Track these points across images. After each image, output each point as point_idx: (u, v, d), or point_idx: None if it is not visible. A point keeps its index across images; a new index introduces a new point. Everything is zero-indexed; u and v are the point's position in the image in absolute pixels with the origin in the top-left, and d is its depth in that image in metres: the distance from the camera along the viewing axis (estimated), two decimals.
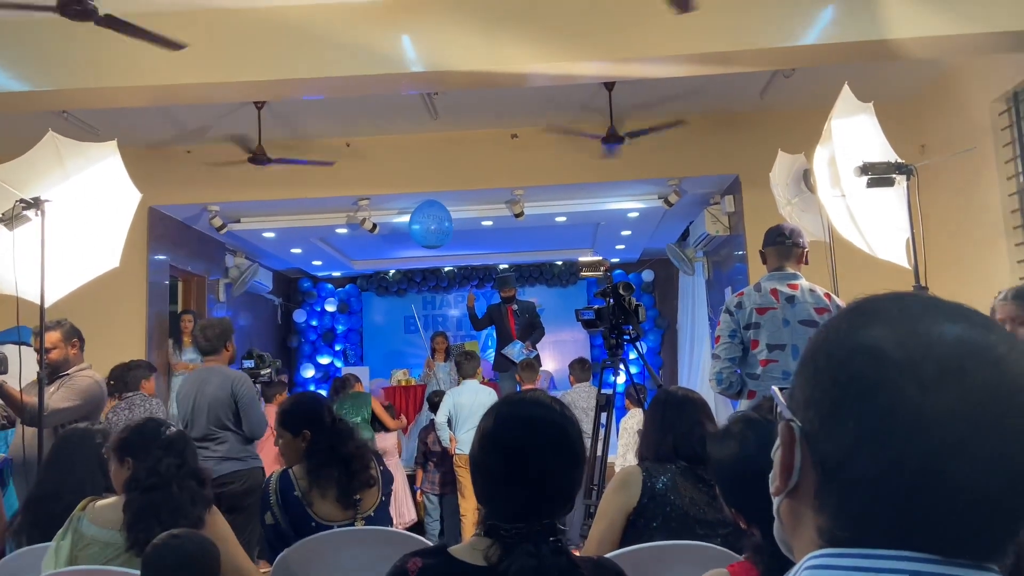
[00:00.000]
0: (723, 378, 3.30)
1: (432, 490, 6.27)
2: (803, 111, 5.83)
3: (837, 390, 0.63)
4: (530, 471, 1.37)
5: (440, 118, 6.51)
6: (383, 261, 11.19)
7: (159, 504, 2.18)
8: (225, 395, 3.99)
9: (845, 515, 0.62)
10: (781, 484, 0.68)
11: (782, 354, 3.19)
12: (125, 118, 5.92)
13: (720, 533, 2.19)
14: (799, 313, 3.21)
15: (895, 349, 0.61)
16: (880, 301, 0.67)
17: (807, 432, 0.65)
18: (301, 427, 2.70)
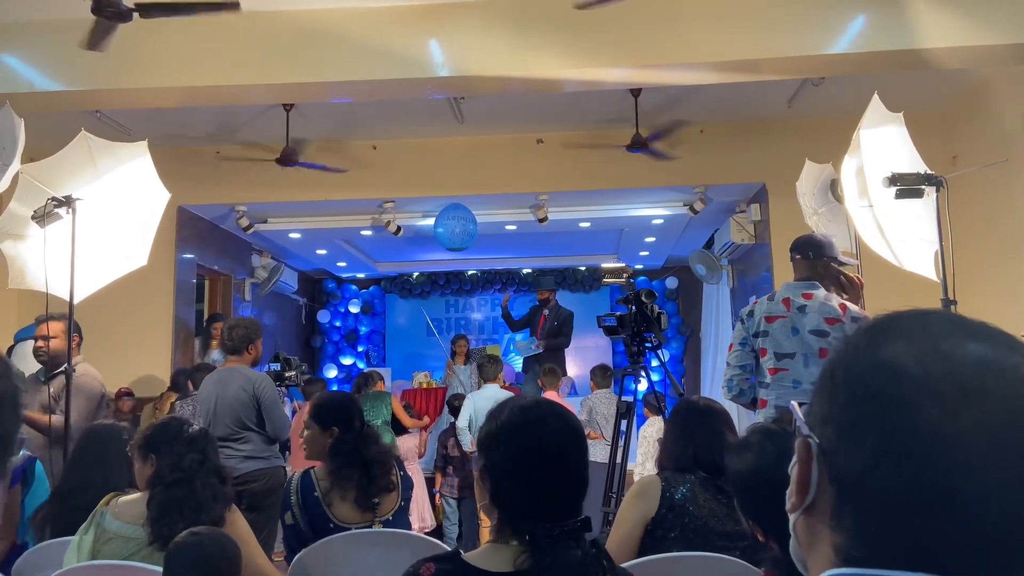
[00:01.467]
0: (733, 385, 3.34)
1: (451, 494, 6.27)
2: (832, 120, 5.76)
3: (855, 407, 0.62)
4: (567, 469, 1.39)
5: (466, 122, 6.53)
6: (407, 263, 11.25)
7: (182, 499, 2.21)
8: (247, 396, 3.98)
9: (861, 534, 0.61)
10: (798, 501, 0.67)
11: (791, 363, 3.19)
12: (156, 119, 6.01)
13: (739, 546, 2.16)
14: (809, 323, 3.19)
15: (915, 367, 0.60)
16: (901, 318, 0.66)
17: (824, 449, 0.64)
18: (331, 423, 2.72)
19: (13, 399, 0.80)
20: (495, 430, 1.44)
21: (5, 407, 0.78)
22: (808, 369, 3.16)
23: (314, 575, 2.45)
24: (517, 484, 1.39)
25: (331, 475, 2.65)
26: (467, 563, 1.36)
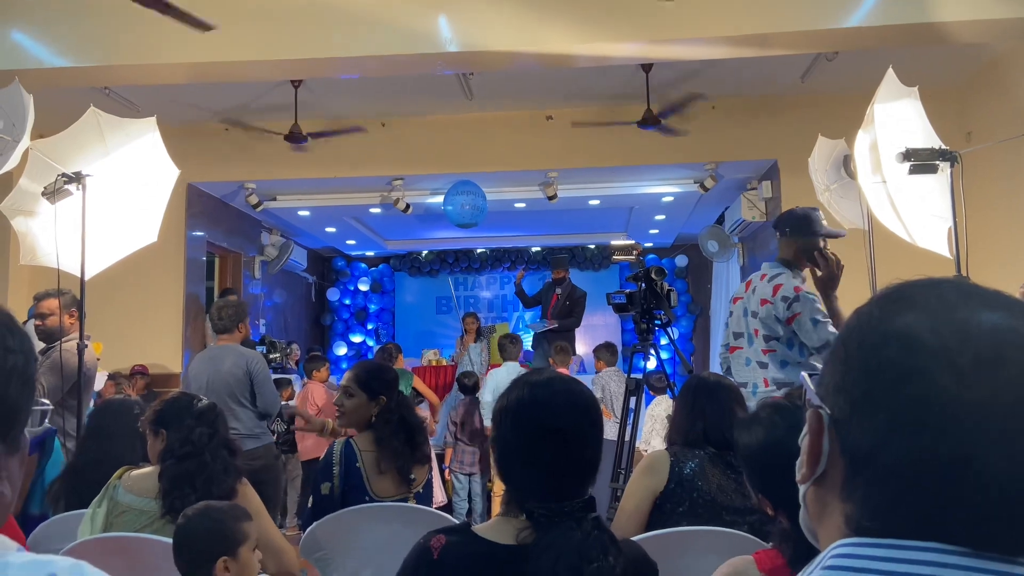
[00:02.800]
0: (720, 363, 3.52)
1: (461, 469, 6.32)
2: (845, 95, 5.70)
3: (869, 378, 0.61)
4: (572, 449, 1.37)
5: (475, 99, 6.49)
6: (416, 241, 11.24)
7: (193, 472, 2.23)
8: (241, 373, 4.09)
9: (873, 505, 0.61)
10: (808, 472, 0.67)
11: (743, 341, 3.31)
12: (165, 95, 6.00)
13: (748, 520, 2.17)
14: (750, 303, 3.29)
15: (930, 336, 0.59)
16: (914, 287, 0.65)
17: (836, 420, 0.64)
18: (380, 392, 2.65)
19: (24, 372, 0.80)
20: (505, 405, 1.44)
21: (14, 379, 0.78)
22: (752, 347, 3.27)
23: (326, 547, 2.48)
24: (520, 461, 1.40)
25: (377, 444, 2.59)
26: (476, 535, 1.37)
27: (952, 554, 0.57)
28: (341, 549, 2.49)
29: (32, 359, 0.82)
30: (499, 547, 1.34)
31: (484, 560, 1.33)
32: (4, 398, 0.77)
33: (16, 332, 0.81)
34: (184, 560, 1.83)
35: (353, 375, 2.71)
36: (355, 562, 2.49)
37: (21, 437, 0.82)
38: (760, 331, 3.22)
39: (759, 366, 3.21)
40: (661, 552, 1.46)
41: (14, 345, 0.79)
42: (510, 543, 1.33)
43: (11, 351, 0.78)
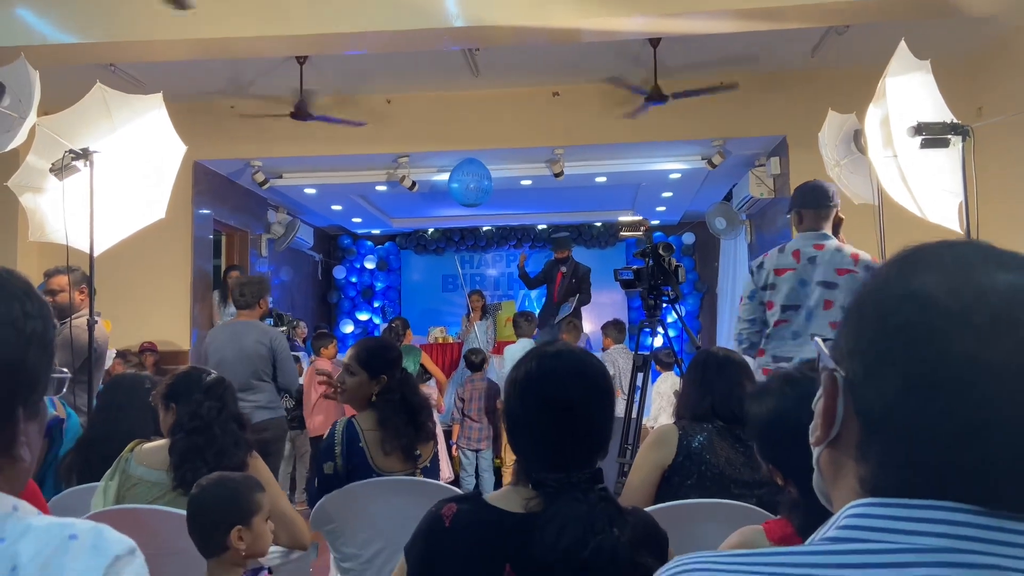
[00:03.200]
0: (743, 338, 3.34)
1: (468, 446, 6.36)
2: (856, 69, 5.63)
3: (884, 339, 0.61)
4: (577, 421, 1.38)
5: (481, 75, 6.44)
6: (422, 219, 11.23)
7: (203, 445, 2.25)
8: (265, 349, 4.19)
9: (888, 466, 0.61)
10: (823, 434, 0.67)
11: (795, 315, 3.20)
12: (170, 72, 5.97)
13: (756, 493, 2.18)
14: (819, 274, 3.18)
15: (946, 297, 0.59)
16: (931, 249, 0.65)
17: (851, 381, 0.64)
18: (381, 370, 2.64)
19: (42, 339, 0.80)
20: (516, 377, 1.45)
21: (33, 346, 0.79)
22: (809, 322, 3.17)
23: (336, 520, 2.50)
24: (528, 432, 1.41)
25: (379, 423, 2.59)
26: (486, 503, 1.39)
27: (966, 512, 0.57)
28: (350, 522, 2.51)
29: (50, 325, 0.83)
30: (508, 515, 1.35)
31: (494, 528, 1.34)
32: (24, 364, 0.77)
33: (34, 298, 0.81)
34: (199, 528, 1.85)
35: (354, 353, 2.70)
36: (364, 534, 2.51)
37: (41, 404, 0.83)
38: (836, 302, 3.14)
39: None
40: (669, 524, 1.47)
41: (33, 311, 0.79)
42: (519, 511, 1.34)
43: (30, 316, 0.79)
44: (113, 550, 0.72)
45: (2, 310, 0.77)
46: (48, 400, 0.90)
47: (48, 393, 0.85)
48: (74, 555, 0.70)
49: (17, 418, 0.78)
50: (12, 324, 0.77)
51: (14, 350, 0.77)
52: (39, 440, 0.84)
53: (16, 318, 0.77)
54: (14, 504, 0.75)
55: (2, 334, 0.76)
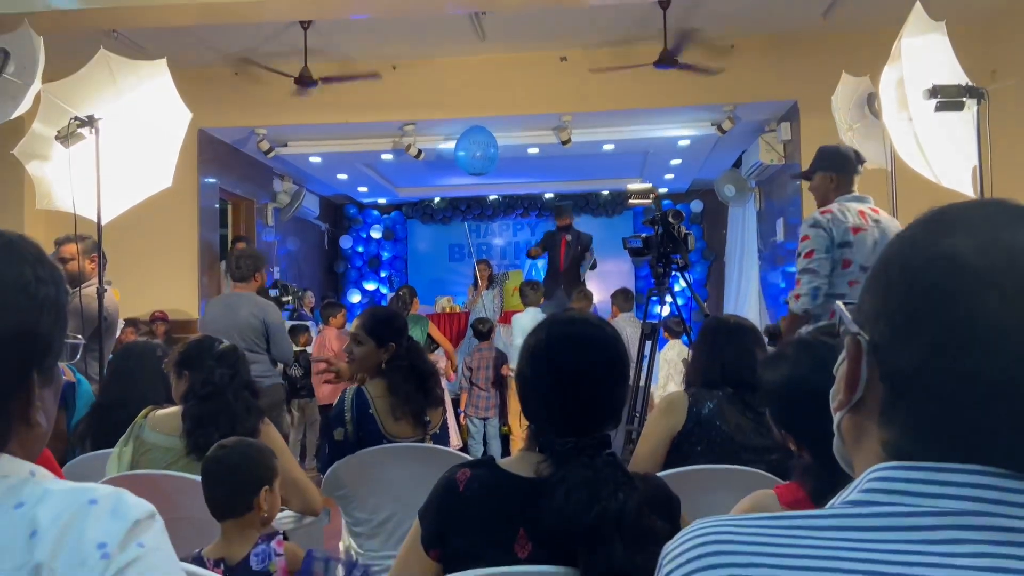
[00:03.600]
0: (819, 294, 3.06)
1: (476, 414, 6.40)
2: (868, 33, 5.55)
3: (912, 301, 0.60)
4: (584, 388, 1.38)
5: (487, 40, 6.37)
6: (428, 189, 11.19)
7: (215, 412, 2.26)
8: (257, 322, 4.21)
9: (913, 430, 0.60)
10: (845, 398, 0.66)
11: (865, 276, 3.09)
12: (173, 38, 5.91)
13: (766, 459, 2.18)
14: (884, 237, 3.07)
15: (976, 257, 0.58)
16: (958, 209, 0.64)
17: (876, 345, 0.63)
18: (389, 338, 2.65)
19: (55, 303, 0.80)
20: (529, 343, 1.46)
21: (47, 311, 0.78)
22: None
23: (348, 486, 2.52)
24: (538, 399, 1.42)
25: (389, 390, 2.61)
26: (499, 468, 1.40)
27: (994, 476, 0.56)
28: (362, 488, 2.53)
29: (63, 290, 0.82)
30: (521, 480, 1.36)
31: (506, 491, 1.35)
32: (37, 328, 0.77)
33: (46, 263, 0.80)
34: (226, 487, 1.83)
35: (361, 323, 2.71)
36: (376, 499, 2.54)
37: (55, 369, 0.82)
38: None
39: None
40: (679, 490, 1.47)
41: (45, 275, 0.79)
42: (531, 476, 1.35)
43: (43, 281, 0.78)
44: (133, 514, 0.72)
45: (14, 275, 0.76)
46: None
47: (61, 359, 0.84)
48: (94, 519, 0.70)
49: (32, 383, 0.77)
50: (24, 289, 0.76)
51: (27, 315, 0.76)
52: (54, 406, 0.83)
53: (28, 282, 0.77)
54: (31, 469, 0.75)
55: (15, 299, 0.75)
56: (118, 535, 0.69)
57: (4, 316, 0.74)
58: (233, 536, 1.82)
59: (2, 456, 0.75)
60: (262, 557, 1.79)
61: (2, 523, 0.69)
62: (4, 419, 0.75)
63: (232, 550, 1.81)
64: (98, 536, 0.69)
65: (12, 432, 0.76)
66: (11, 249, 0.78)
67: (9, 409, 0.76)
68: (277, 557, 1.79)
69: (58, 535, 0.68)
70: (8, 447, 0.76)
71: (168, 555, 0.74)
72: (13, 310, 0.75)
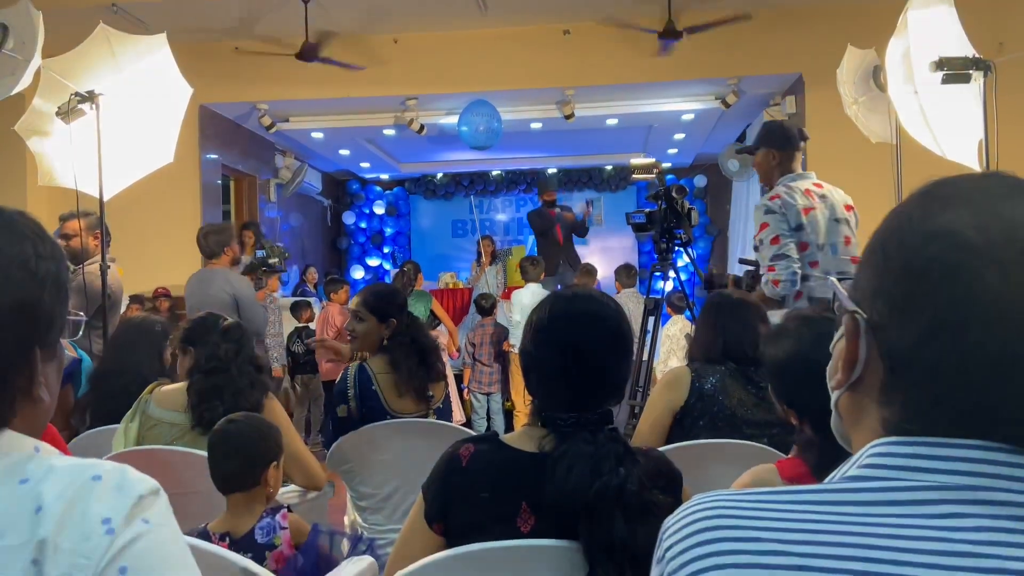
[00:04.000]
0: (797, 278, 3.07)
1: (479, 389, 6.43)
2: (875, 3, 5.47)
3: (911, 278, 0.60)
4: (586, 364, 1.38)
5: (490, 13, 6.30)
6: (431, 164, 11.14)
7: (221, 386, 2.28)
8: (227, 296, 4.26)
9: (914, 406, 0.60)
10: (844, 377, 0.66)
11: (821, 255, 3.11)
12: (173, 12, 5.87)
13: (767, 433, 2.19)
14: (832, 211, 3.13)
15: (974, 233, 0.58)
16: (956, 183, 0.63)
17: (874, 323, 0.62)
18: (390, 315, 2.68)
19: (56, 279, 0.80)
20: (532, 319, 1.46)
21: (48, 287, 0.78)
22: (835, 257, 3.11)
23: (352, 461, 2.54)
24: (541, 374, 1.42)
25: (392, 366, 2.63)
26: (503, 443, 1.40)
27: (996, 451, 0.57)
28: (366, 462, 2.55)
29: (63, 267, 0.82)
30: (524, 455, 1.37)
31: (509, 466, 1.36)
32: (39, 304, 0.77)
33: (47, 239, 0.80)
34: (233, 464, 1.84)
35: (362, 299, 2.73)
36: (380, 475, 2.56)
37: (58, 345, 0.83)
38: (852, 239, 3.11)
39: (841, 278, 3.09)
40: (681, 464, 1.48)
41: (46, 252, 0.79)
42: (534, 451, 1.36)
43: (43, 258, 0.78)
44: (137, 490, 0.72)
45: (15, 251, 0.76)
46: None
47: (64, 336, 0.84)
48: (98, 495, 0.70)
49: (35, 359, 0.78)
50: (25, 265, 0.76)
51: (29, 290, 0.76)
52: (57, 382, 0.84)
53: (28, 258, 0.77)
54: (36, 445, 0.76)
55: (16, 275, 0.75)
56: (123, 511, 0.70)
57: (6, 292, 0.74)
58: (239, 510, 1.84)
59: (6, 432, 0.75)
60: (267, 530, 1.80)
61: (7, 499, 0.69)
62: (8, 395, 0.76)
63: (237, 523, 1.82)
64: (103, 512, 0.69)
65: (16, 408, 0.77)
66: (12, 226, 0.78)
67: (13, 385, 0.76)
68: (282, 530, 1.81)
69: (63, 511, 0.68)
70: (12, 423, 0.76)
71: (173, 530, 0.74)
72: (15, 286, 0.75)
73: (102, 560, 0.67)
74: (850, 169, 5.70)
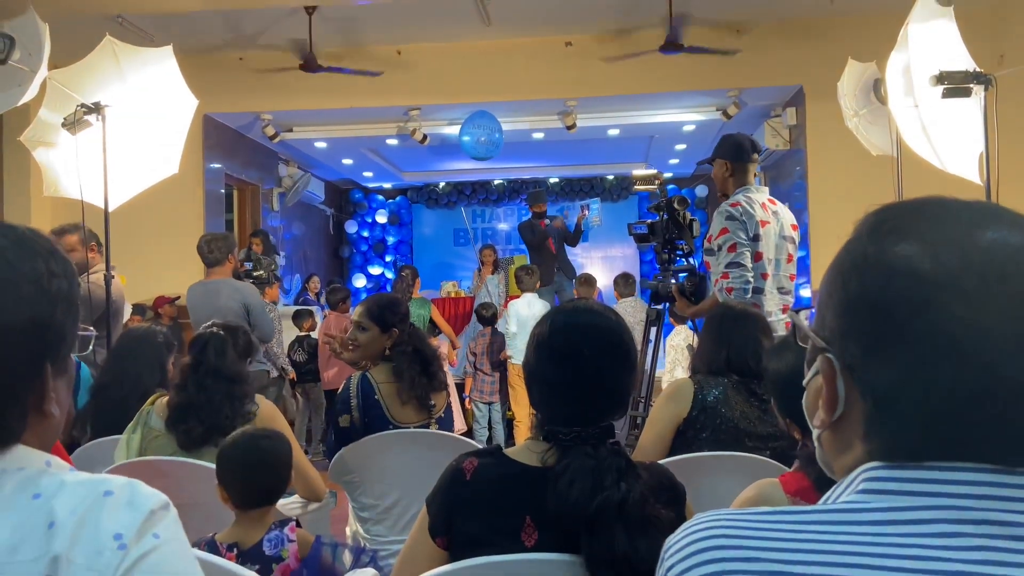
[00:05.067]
0: (749, 288, 3.12)
1: (480, 398, 6.43)
2: (876, 18, 5.51)
3: (877, 318, 0.60)
4: (586, 376, 1.38)
5: (493, 25, 6.34)
6: (433, 173, 11.17)
7: (186, 404, 2.26)
8: (237, 305, 4.26)
9: (901, 439, 0.61)
10: (827, 417, 0.66)
11: (772, 268, 3.18)
12: (178, 24, 5.90)
13: (770, 446, 2.19)
14: (783, 228, 3.19)
15: (931, 266, 0.58)
16: (901, 212, 0.64)
17: (850, 364, 0.63)
18: (392, 324, 2.68)
19: (68, 296, 0.81)
20: (535, 332, 1.46)
21: (60, 304, 0.79)
22: (777, 274, 3.18)
23: (354, 471, 2.54)
24: (543, 387, 1.42)
25: (394, 375, 2.63)
26: (506, 456, 1.40)
27: (987, 472, 0.57)
28: (368, 473, 2.55)
29: (75, 283, 0.83)
30: (527, 468, 1.37)
31: (513, 480, 1.36)
32: (51, 321, 0.78)
33: (59, 257, 0.81)
34: (264, 480, 1.85)
35: (365, 309, 2.74)
36: (382, 485, 2.56)
37: (68, 361, 0.84)
38: (794, 257, 3.19)
39: (781, 292, 3.16)
40: (684, 476, 1.48)
41: (58, 269, 0.80)
42: (537, 465, 1.36)
43: (55, 275, 0.79)
44: (148, 504, 0.73)
45: (28, 268, 0.77)
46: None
47: (73, 351, 0.85)
48: (110, 510, 0.71)
49: (46, 375, 0.79)
50: (38, 282, 0.77)
51: (41, 308, 0.77)
52: (67, 397, 0.85)
53: (41, 275, 0.78)
54: (47, 460, 0.77)
55: (29, 292, 0.77)
56: (134, 526, 0.71)
57: (19, 309, 0.76)
58: (250, 522, 1.84)
59: (18, 447, 0.76)
60: (275, 542, 1.80)
61: (21, 514, 0.70)
62: (19, 410, 0.77)
63: (246, 535, 1.83)
64: (114, 527, 0.70)
65: (27, 423, 0.78)
66: (25, 243, 0.79)
67: (24, 400, 0.77)
68: (289, 543, 1.81)
69: (75, 526, 0.69)
70: (23, 437, 0.77)
71: (183, 545, 0.75)
72: (28, 303, 0.76)
73: (114, 575, 0.68)
74: (850, 181, 5.72)
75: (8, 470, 0.73)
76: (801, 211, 6.81)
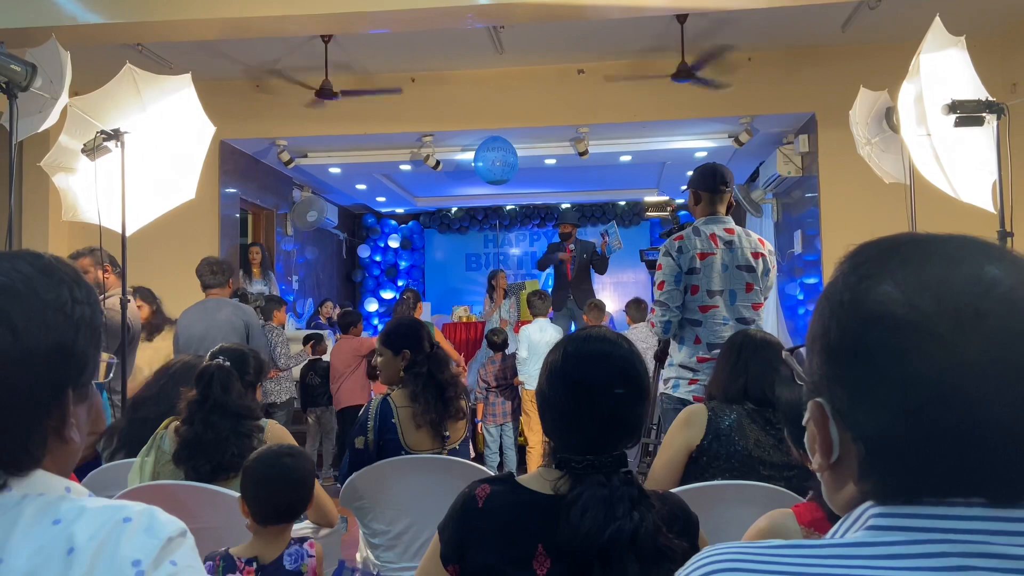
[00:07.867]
0: (671, 327, 3.16)
1: (493, 421, 6.41)
2: (888, 46, 5.54)
3: (859, 366, 0.61)
4: (599, 405, 1.38)
5: (505, 53, 6.41)
6: (446, 198, 11.24)
7: (191, 440, 2.26)
8: (239, 322, 4.35)
9: (893, 478, 0.61)
10: (824, 461, 0.67)
11: (720, 299, 3.15)
12: (197, 52, 6.00)
13: (784, 476, 2.17)
14: (737, 258, 3.17)
15: (907, 311, 0.59)
16: (873, 253, 0.65)
17: (839, 410, 0.64)
18: (401, 346, 2.73)
19: (91, 323, 0.82)
20: (548, 360, 1.46)
21: (82, 331, 0.80)
22: (733, 305, 3.15)
23: (365, 497, 2.53)
24: (555, 415, 1.42)
25: (410, 398, 2.66)
26: (519, 484, 1.40)
27: (990, 507, 0.58)
28: (379, 499, 2.54)
29: (98, 310, 0.85)
30: (539, 496, 1.36)
31: (526, 508, 1.36)
32: (74, 348, 0.79)
33: (82, 284, 0.83)
34: (291, 496, 1.88)
35: (380, 334, 2.85)
36: (393, 511, 2.55)
37: (90, 387, 0.85)
38: (755, 286, 3.17)
39: (740, 323, 3.12)
40: (697, 505, 1.47)
41: (81, 296, 0.81)
42: (549, 493, 1.36)
43: (79, 302, 0.80)
44: (166, 531, 0.74)
45: (52, 295, 0.79)
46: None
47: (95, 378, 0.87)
48: (129, 537, 0.72)
49: (67, 401, 0.80)
50: (62, 309, 0.79)
51: (64, 334, 0.79)
52: (88, 423, 0.86)
53: (65, 303, 0.79)
54: (67, 486, 0.78)
55: (53, 318, 0.78)
56: (152, 552, 0.71)
57: (43, 335, 0.77)
58: (269, 538, 1.85)
59: (38, 472, 0.77)
60: (295, 557, 1.82)
61: (41, 539, 0.71)
62: (40, 436, 0.78)
63: (266, 550, 1.84)
64: (133, 554, 0.71)
65: (48, 448, 0.79)
66: (50, 271, 0.81)
67: (45, 426, 0.78)
68: (309, 559, 1.83)
69: (94, 553, 0.70)
70: (43, 463, 0.78)
71: (199, 573, 0.76)
72: (51, 330, 0.78)
73: None
74: (863, 209, 5.72)
75: (29, 495, 0.74)
76: (814, 238, 6.80)
